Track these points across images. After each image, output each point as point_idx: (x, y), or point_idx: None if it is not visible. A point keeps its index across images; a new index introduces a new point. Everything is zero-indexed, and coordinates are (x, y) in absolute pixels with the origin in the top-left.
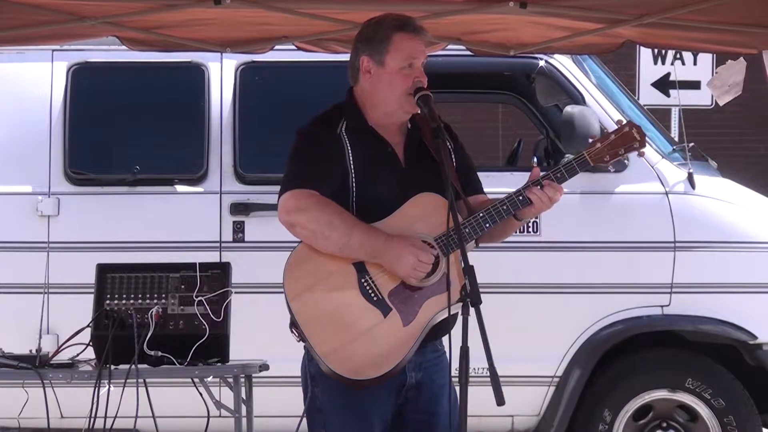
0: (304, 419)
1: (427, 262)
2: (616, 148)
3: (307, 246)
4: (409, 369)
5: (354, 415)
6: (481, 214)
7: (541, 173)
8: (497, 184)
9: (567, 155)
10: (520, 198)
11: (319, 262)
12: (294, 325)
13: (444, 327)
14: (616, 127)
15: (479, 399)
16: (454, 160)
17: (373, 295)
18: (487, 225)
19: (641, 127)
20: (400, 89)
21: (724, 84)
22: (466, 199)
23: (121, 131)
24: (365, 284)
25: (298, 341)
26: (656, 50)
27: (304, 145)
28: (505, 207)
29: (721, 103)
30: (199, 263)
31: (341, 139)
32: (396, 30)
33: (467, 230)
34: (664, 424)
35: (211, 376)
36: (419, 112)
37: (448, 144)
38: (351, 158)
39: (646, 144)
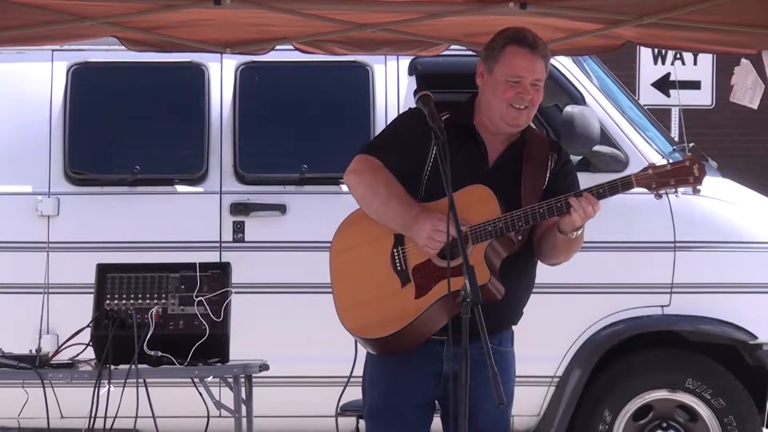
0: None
1: (443, 230)
2: (668, 178)
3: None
4: (447, 358)
5: (388, 388)
6: (517, 213)
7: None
8: None
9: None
10: (558, 204)
11: (368, 226)
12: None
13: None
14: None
15: None
16: (547, 177)
17: (399, 264)
18: (520, 224)
19: (705, 166)
20: (503, 99)
21: (745, 88)
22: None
23: (121, 131)
24: (395, 254)
25: None
26: (656, 50)
27: (395, 121)
28: (542, 210)
29: (755, 106)
30: (199, 263)
31: (434, 133)
32: (510, 42)
33: (500, 225)
34: (664, 424)
35: (211, 376)
36: (512, 124)
37: (549, 162)
38: (434, 152)
39: (702, 182)
